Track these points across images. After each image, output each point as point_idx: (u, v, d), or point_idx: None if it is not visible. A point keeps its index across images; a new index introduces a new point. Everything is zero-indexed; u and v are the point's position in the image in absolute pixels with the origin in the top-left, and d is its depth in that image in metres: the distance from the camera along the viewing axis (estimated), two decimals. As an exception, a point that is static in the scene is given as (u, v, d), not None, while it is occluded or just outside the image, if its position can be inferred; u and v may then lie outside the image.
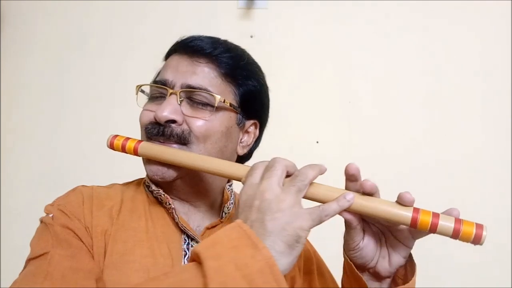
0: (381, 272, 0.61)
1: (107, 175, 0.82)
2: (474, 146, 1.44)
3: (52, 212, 0.63)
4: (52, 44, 1.62)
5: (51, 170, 1.55)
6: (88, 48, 1.60)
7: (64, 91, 1.60)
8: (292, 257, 0.50)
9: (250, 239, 0.48)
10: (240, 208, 0.54)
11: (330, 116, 1.50)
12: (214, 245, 0.48)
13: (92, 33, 1.61)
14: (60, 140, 1.57)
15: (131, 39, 1.58)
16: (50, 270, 0.55)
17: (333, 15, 1.53)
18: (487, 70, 1.47)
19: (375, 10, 1.51)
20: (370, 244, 0.60)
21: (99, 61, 1.60)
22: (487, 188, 1.42)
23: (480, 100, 1.46)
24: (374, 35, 1.51)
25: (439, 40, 1.49)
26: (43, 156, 1.57)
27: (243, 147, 0.75)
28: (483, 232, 0.52)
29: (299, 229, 0.50)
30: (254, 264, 0.46)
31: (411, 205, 0.55)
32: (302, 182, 0.54)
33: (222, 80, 0.69)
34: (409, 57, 1.50)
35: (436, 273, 1.39)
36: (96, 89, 1.59)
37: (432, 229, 0.53)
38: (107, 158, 1.48)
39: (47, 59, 1.61)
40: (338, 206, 0.55)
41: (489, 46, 1.47)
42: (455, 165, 1.44)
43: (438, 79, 1.48)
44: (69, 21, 1.62)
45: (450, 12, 1.49)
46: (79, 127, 1.57)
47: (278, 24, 1.55)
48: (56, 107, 1.59)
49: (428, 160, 1.45)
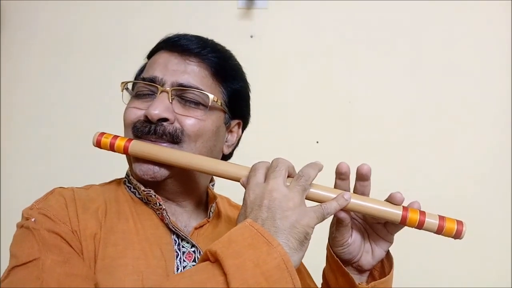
0: (364, 266, 0.65)
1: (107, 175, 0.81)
2: (474, 146, 1.44)
3: (34, 216, 0.61)
4: (52, 44, 1.62)
5: (51, 170, 1.55)
6: (88, 48, 1.60)
7: (65, 91, 1.59)
8: (302, 252, 0.53)
9: (264, 237, 0.50)
10: (249, 208, 0.55)
11: (330, 116, 1.50)
12: (230, 244, 0.50)
13: (92, 33, 1.60)
14: (60, 140, 1.57)
15: (131, 39, 1.58)
16: (44, 277, 0.53)
17: (333, 15, 1.53)
18: (488, 70, 1.46)
19: (375, 10, 1.51)
20: (357, 240, 0.64)
21: (100, 61, 1.59)
22: (487, 188, 1.42)
23: (482, 100, 1.46)
24: (374, 35, 1.51)
25: (440, 40, 1.49)
26: (43, 156, 1.57)
27: (228, 147, 0.75)
28: (463, 228, 0.57)
29: (307, 226, 0.53)
30: (271, 261, 0.48)
31: (401, 204, 0.60)
32: (306, 182, 0.57)
33: (212, 80, 0.70)
34: (410, 57, 1.50)
35: (436, 273, 1.39)
36: (97, 89, 1.58)
37: (419, 225, 0.58)
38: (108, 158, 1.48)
39: (47, 59, 1.61)
40: (337, 204, 0.58)
41: (490, 47, 1.47)
42: (455, 165, 1.44)
43: (438, 79, 1.48)
44: (69, 21, 1.62)
45: (450, 12, 1.49)
46: (79, 127, 1.56)
47: (278, 24, 1.54)
48: (56, 107, 1.59)
49: (428, 160, 1.45)
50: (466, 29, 1.49)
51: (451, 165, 1.44)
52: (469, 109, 1.46)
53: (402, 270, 0.66)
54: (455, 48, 1.48)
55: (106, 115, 1.55)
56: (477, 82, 1.47)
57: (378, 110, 1.49)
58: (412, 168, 1.45)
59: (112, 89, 1.55)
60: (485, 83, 1.46)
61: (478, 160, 1.44)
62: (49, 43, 1.62)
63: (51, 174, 1.55)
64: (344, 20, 1.53)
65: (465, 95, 1.46)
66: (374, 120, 1.48)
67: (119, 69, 1.57)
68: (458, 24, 1.49)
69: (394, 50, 1.51)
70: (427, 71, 1.49)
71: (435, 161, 1.45)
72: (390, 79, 1.50)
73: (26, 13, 1.64)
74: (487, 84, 1.46)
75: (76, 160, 1.55)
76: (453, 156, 1.45)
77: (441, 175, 1.44)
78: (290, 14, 1.54)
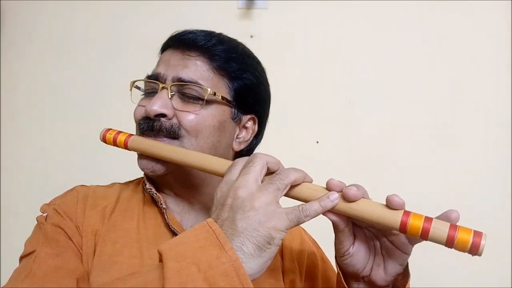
0: (377, 282, 0.57)
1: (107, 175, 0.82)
2: (475, 147, 1.44)
3: (47, 211, 0.64)
4: (52, 44, 1.62)
5: (51, 170, 1.55)
6: (88, 47, 1.60)
7: (65, 90, 1.59)
8: (263, 259, 0.47)
9: (217, 240, 0.46)
10: (214, 206, 0.51)
11: (330, 116, 1.50)
12: (178, 245, 0.46)
13: (92, 33, 1.61)
14: (61, 140, 1.57)
15: (130, 38, 1.58)
16: (34, 268, 0.56)
17: (333, 15, 1.53)
18: (489, 70, 1.46)
19: (375, 10, 1.51)
20: (362, 250, 0.57)
21: (99, 60, 1.59)
22: (487, 188, 1.42)
23: (481, 100, 1.46)
24: (374, 35, 1.51)
25: (441, 40, 1.49)
26: (43, 156, 1.57)
27: (240, 143, 0.72)
28: (481, 241, 0.46)
29: (272, 229, 0.47)
30: (218, 266, 0.44)
31: (401, 209, 0.50)
32: (281, 181, 0.51)
33: (214, 74, 0.67)
34: (410, 57, 1.50)
35: (436, 273, 1.39)
36: (97, 88, 1.59)
37: (424, 235, 0.48)
38: (108, 158, 1.48)
39: (47, 59, 1.61)
40: (320, 206, 0.51)
41: (490, 47, 1.47)
42: (456, 166, 1.44)
43: (439, 79, 1.48)
44: (69, 21, 1.62)
45: (451, 12, 1.49)
46: (79, 127, 1.57)
47: (278, 24, 1.54)
48: (56, 107, 1.59)
49: (429, 161, 1.45)
50: (466, 29, 1.48)
51: (451, 165, 1.44)
52: (469, 109, 1.46)
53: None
54: (454, 48, 1.48)
55: (106, 115, 1.56)
56: (477, 82, 1.46)
57: (378, 110, 1.49)
58: (412, 168, 1.45)
59: (112, 88, 1.57)
60: (485, 83, 1.46)
61: (478, 160, 1.43)
62: (49, 43, 1.62)
63: (51, 174, 1.55)
64: (344, 20, 1.53)
65: (465, 95, 1.46)
66: (374, 120, 1.48)
67: (119, 68, 1.58)
68: (458, 24, 1.49)
69: (394, 50, 1.50)
70: (427, 71, 1.49)
71: (435, 161, 1.45)
72: (390, 79, 1.50)
73: (26, 13, 1.64)
74: (487, 84, 1.46)
75: (76, 160, 1.55)
76: (453, 156, 1.44)
77: (441, 175, 1.44)
78: (290, 14, 1.54)
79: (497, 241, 1.39)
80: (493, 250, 1.38)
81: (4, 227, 1.52)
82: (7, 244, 1.51)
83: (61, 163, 1.56)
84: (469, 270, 1.39)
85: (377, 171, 1.43)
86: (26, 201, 1.53)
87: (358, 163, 1.45)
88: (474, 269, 1.38)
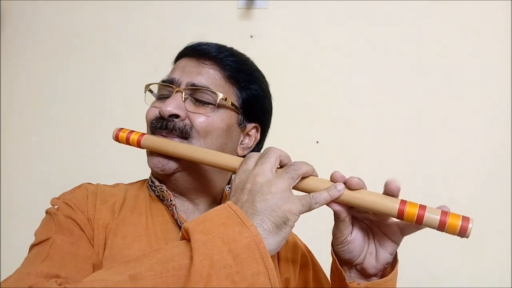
0: (368, 269, 0.63)
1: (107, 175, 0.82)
2: (474, 145, 1.44)
3: (58, 204, 0.67)
4: (52, 44, 1.62)
5: (51, 170, 1.55)
6: (88, 47, 1.60)
7: (64, 90, 1.60)
8: (280, 237, 0.51)
9: (239, 218, 0.50)
10: (232, 191, 0.56)
11: (330, 116, 1.50)
12: (203, 222, 0.50)
13: (92, 33, 1.61)
14: (60, 140, 1.57)
15: (130, 38, 1.58)
16: (51, 253, 0.58)
17: (333, 15, 1.53)
18: (488, 70, 1.46)
19: (376, 10, 1.51)
20: (358, 239, 0.62)
21: (99, 60, 1.60)
22: (487, 188, 1.42)
23: (480, 98, 1.46)
24: (374, 35, 1.51)
25: (440, 40, 1.49)
26: (43, 156, 1.57)
27: (243, 149, 0.77)
28: (469, 224, 0.52)
29: (288, 211, 0.52)
30: (241, 240, 0.48)
31: (397, 193, 0.57)
32: (295, 171, 0.56)
33: (225, 82, 0.73)
34: (410, 57, 1.50)
35: (436, 273, 1.39)
36: (96, 88, 1.59)
37: (418, 220, 0.54)
38: (108, 158, 1.48)
39: (47, 59, 1.61)
40: (328, 195, 0.56)
41: (490, 47, 1.47)
42: (456, 165, 1.44)
43: (439, 79, 1.48)
44: (69, 21, 1.62)
45: (451, 12, 1.49)
46: (79, 127, 1.57)
47: (278, 24, 1.55)
48: (56, 106, 1.59)
49: (428, 159, 1.45)
50: (466, 29, 1.49)
51: (451, 165, 1.44)
52: (469, 109, 1.46)
53: (401, 271, 0.65)
54: (455, 48, 1.48)
55: (107, 115, 1.56)
56: (477, 82, 1.47)
57: (378, 110, 1.49)
58: (412, 168, 1.45)
59: (112, 89, 1.57)
60: (485, 83, 1.46)
61: (478, 160, 1.44)
62: (49, 43, 1.62)
63: (51, 174, 1.55)
64: (344, 20, 1.53)
65: (465, 95, 1.46)
66: (374, 120, 1.48)
67: (119, 68, 1.58)
68: (458, 24, 1.49)
69: (394, 50, 1.51)
70: (427, 71, 1.49)
71: (435, 161, 1.45)
72: (390, 79, 1.50)
73: (26, 13, 1.64)
74: (487, 84, 1.46)
75: (77, 160, 1.55)
76: (453, 156, 1.45)
77: (441, 175, 1.44)
78: (290, 14, 1.54)
79: (497, 241, 1.39)
80: (493, 250, 1.39)
81: (4, 227, 1.53)
82: (7, 244, 1.51)
83: (61, 163, 1.56)
84: (469, 270, 1.39)
85: (377, 171, 1.43)
86: (26, 201, 1.53)
87: (358, 162, 1.45)
88: (474, 269, 1.38)
